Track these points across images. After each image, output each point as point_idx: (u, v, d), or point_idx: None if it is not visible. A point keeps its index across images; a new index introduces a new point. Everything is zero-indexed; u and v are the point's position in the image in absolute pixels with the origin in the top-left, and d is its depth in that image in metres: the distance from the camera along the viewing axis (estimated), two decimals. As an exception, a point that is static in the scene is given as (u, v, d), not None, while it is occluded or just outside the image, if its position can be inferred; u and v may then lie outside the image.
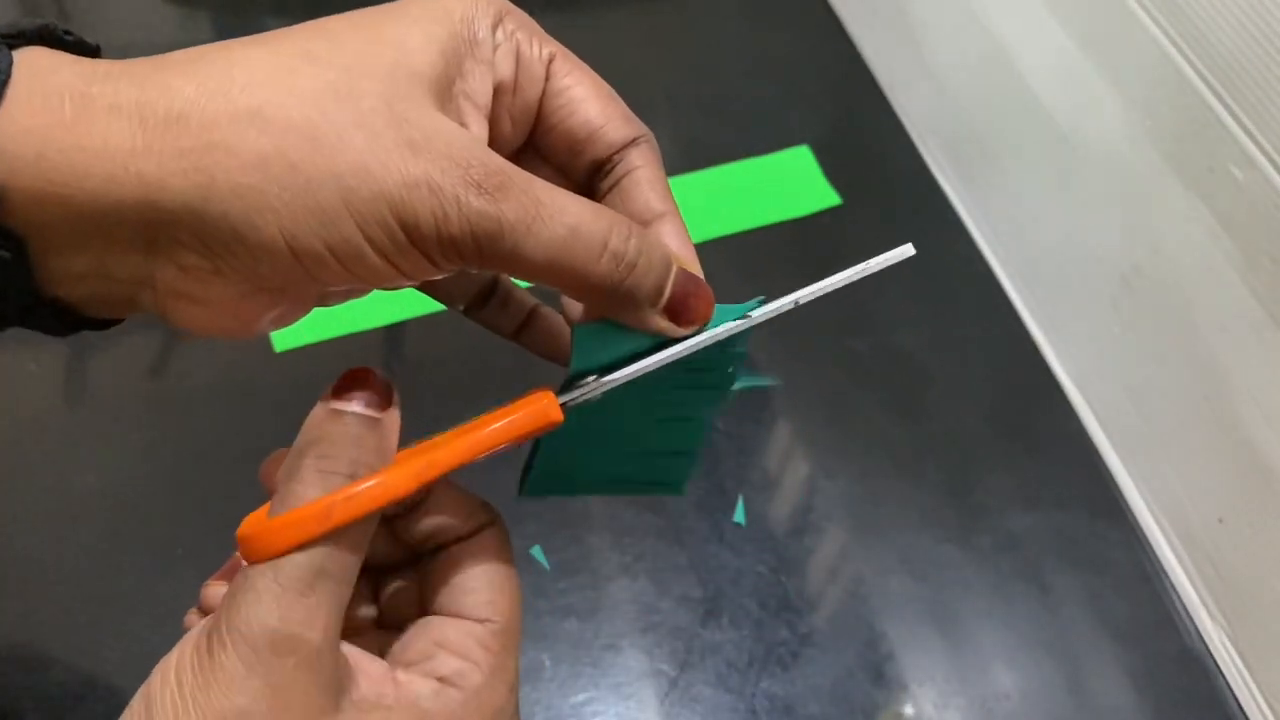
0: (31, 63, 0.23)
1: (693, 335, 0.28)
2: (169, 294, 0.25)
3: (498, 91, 0.28)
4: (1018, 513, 0.55)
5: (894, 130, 0.73)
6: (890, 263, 0.30)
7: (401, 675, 0.27)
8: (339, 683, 0.25)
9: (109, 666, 0.45)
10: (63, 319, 0.27)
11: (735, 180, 0.68)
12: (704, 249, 0.30)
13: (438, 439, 0.28)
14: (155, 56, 0.25)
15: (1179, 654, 0.52)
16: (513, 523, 0.51)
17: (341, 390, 0.26)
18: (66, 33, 0.25)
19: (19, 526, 0.49)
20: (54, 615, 0.46)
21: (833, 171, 0.69)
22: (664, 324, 0.28)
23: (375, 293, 0.62)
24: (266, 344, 0.55)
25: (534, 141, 0.30)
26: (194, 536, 0.49)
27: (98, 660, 0.46)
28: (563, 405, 0.28)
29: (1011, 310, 0.65)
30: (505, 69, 0.28)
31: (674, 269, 0.27)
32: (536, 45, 0.28)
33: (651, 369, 0.28)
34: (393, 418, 0.27)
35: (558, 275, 0.26)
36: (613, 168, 0.29)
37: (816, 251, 0.65)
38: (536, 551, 0.51)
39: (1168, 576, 0.55)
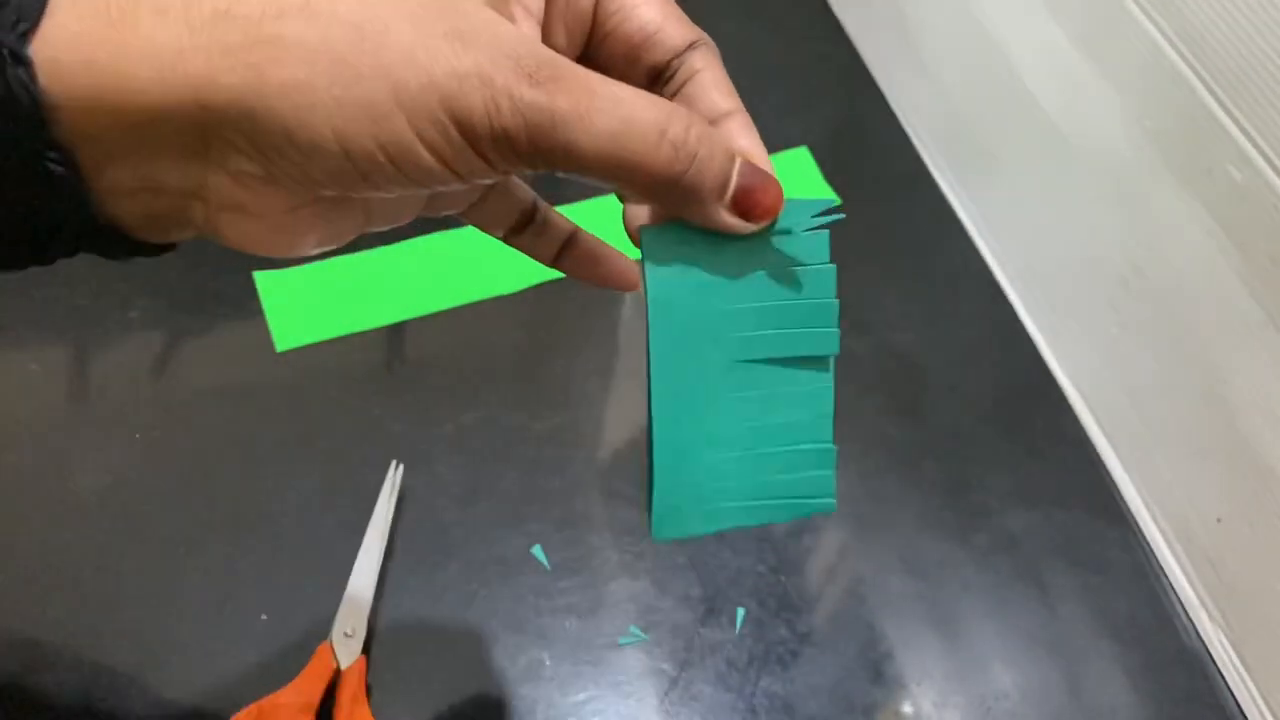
0: None
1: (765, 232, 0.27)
2: (220, 205, 0.25)
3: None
4: (1017, 512, 0.55)
5: (893, 130, 0.73)
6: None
7: None
8: None
9: (109, 666, 0.45)
10: (119, 242, 0.26)
11: (735, 180, 0.68)
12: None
13: None
14: None
15: (1178, 654, 0.52)
16: (512, 522, 0.52)
17: None
18: None
19: (19, 526, 0.49)
20: (54, 615, 0.46)
21: (832, 172, 0.69)
22: (732, 220, 0.27)
23: (376, 293, 0.61)
24: (267, 344, 0.56)
25: (590, 51, 0.29)
26: (195, 536, 0.49)
27: (98, 660, 0.46)
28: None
29: (1011, 310, 0.65)
30: None
31: (738, 161, 0.26)
32: None
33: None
34: None
35: (615, 167, 0.25)
36: (673, 73, 0.29)
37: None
38: (537, 551, 0.51)
39: (1167, 576, 0.55)
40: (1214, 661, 0.52)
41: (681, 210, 0.26)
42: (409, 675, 0.47)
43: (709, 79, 0.28)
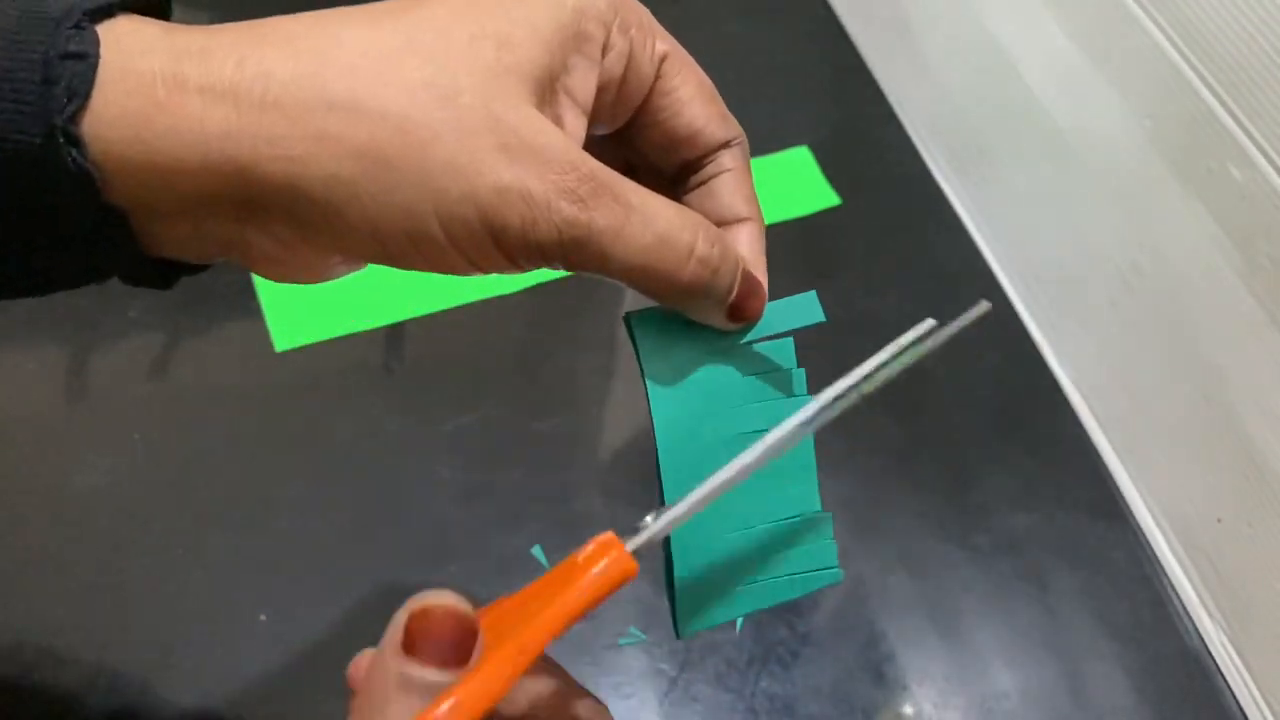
0: (118, 41, 0.23)
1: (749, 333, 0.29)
2: (259, 257, 0.26)
3: (602, 89, 0.27)
4: (1018, 513, 0.55)
5: (894, 130, 0.73)
6: (968, 322, 0.30)
7: None
8: None
9: (109, 666, 0.45)
10: (165, 274, 0.27)
11: (735, 180, 0.68)
12: (704, 249, 0.30)
13: (508, 610, 0.25)
14: (253, 24, 0.24)
15: (1179, 654, 0.52)
16: (512, 522, 0.52)
17: (412, 642, 0.22)
18: None
19: (19, 526, 0.49)
20: (54, 615, 0.46)
21: (833, 171, 0.69)
22: (724, 321, 0.28)
23: (375, 293, 0.61)
24: (267, 344, 0.55)
25: (629, 131, 0.30)
26: (194, 536, 0.49)
27: (98, 660, 0.46)
28: (633, 553, 0.26)
29: (1011, 310, 0.65)
30: (614, 69, 0.27)
31: (740, 270, 0.28)
32: (650, 44, 0.28)
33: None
34: (471, 665, 0.23)
35: (643, 278, 0.26)
36: (703, 166, 0.30)
37: (816, 252, 0.65)
38: (537, 551, 0.51)
39: (1167, 576, 0.55)
40: (1214, 662, 0.52)
41: (684, 308, 0.28)
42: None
43: (734, 180, 0.29)
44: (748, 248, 0.30)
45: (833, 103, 0.74)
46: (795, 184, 0.68)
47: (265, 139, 0.23)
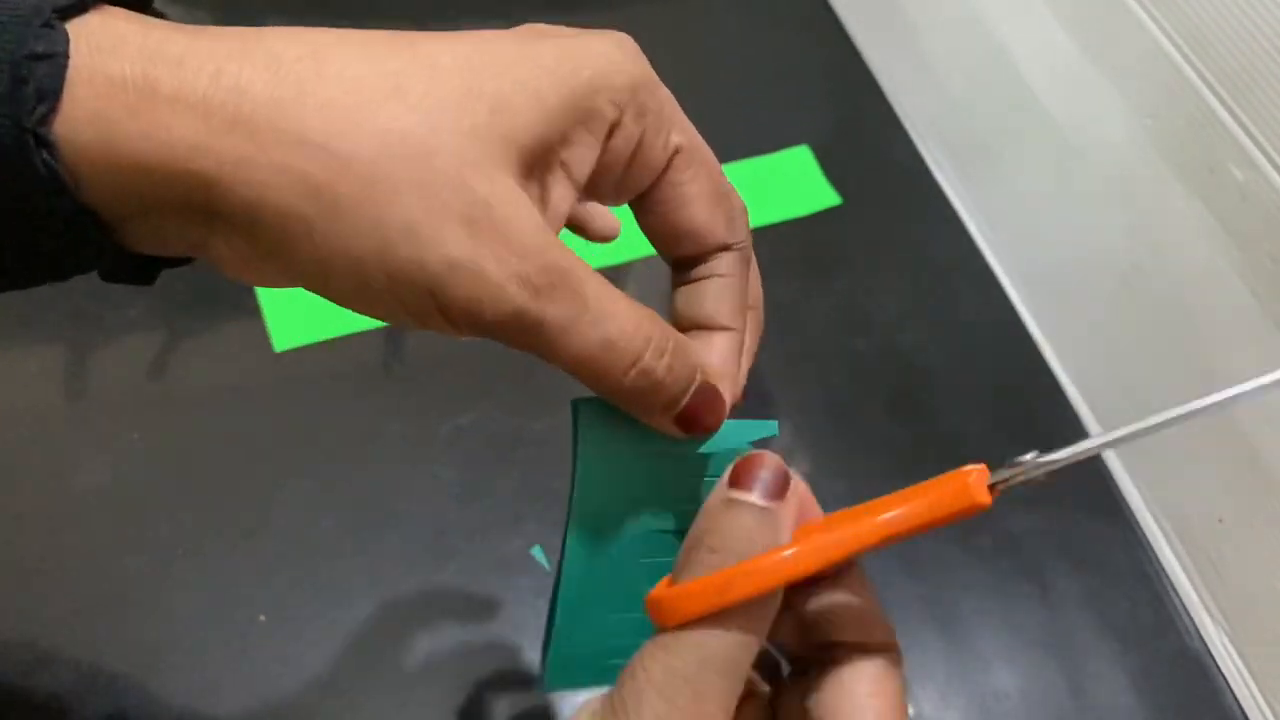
0: (89, 39, 0.22)
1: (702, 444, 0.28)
2: (222, 260, 0.25)
3: (605, 169, 0.27)
4: (1018, 513, 0.55)
5: (894, 130, 0.73)
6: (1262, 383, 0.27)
7: None
8: None
9: (109, 666, 0.45)
10: (145, 269, 0.26)
11: (735, 180, 0.67)
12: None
13: (843, 514, 0.26)
14: (239, 32, 0.23)
15: (1179, 654, 0.52)
16: (512, 522, 0.52)
17: (737, 478, 0.25)
18: None
19: (19, 526, 0.49)
20: (54, 615, 0.46)
21: (833, 171, 0.69)
22: (670, 427, 0.27)
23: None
24: (266, 344, 0.55)
25: (634, 208, 0.29)
26: (194, 536, 0.49)
27: (98, 660, 0.46)
28: (992, 486, 0.25)
29: (1011, 310, 0.65)
30: (621, 152, 0.26)
31: (696, 382, 0.27)
32: (665, 134, 0.27)
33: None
34: (787, 509, 0.25)
35: (584, 375, 0.25)
36: (700, 264, 0.29)
37: (817, 251, 0.65)
38: (537, 551, 0.51)
39: (1168, 576, 0.55)
40: (1215, 662, 0.52)
41: (626, 410, 0.27)
42: (408, 676, 0.47)
43: (725, 287, 0.29)
44: (719, 357, 0.29)
45: (833, 103, 0.74)
46: (795, 184, 0.68)
47: (231, 159, 0.22)
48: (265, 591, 0.48)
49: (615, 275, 0.61)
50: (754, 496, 0.24)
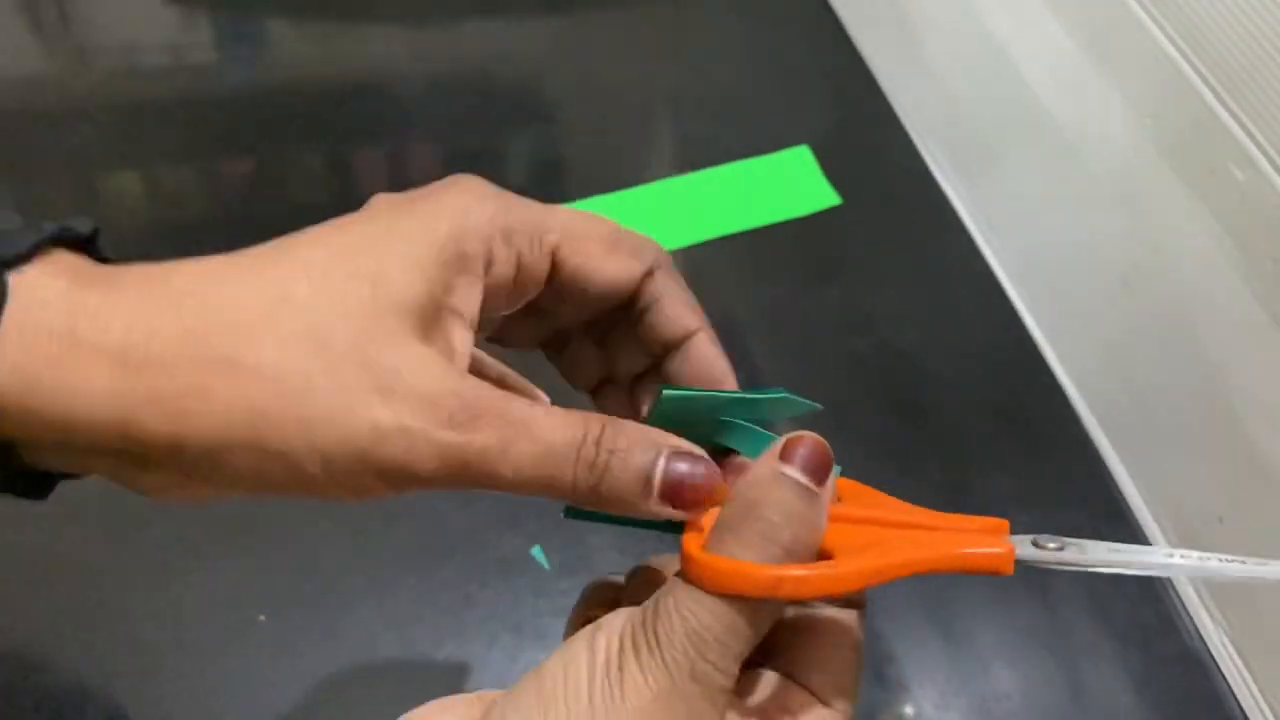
0: (26, 292, 0.24)
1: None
2: (149, 488, 0.27)
3: (492, 295, 0.28)
4: (1017, 512, 0.55)
5: (894, 130, 0.73)
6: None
7: None
8: None
9: (109, 666, 0.45)
10: (41, 485, 0.28)
11: (735, 180, 0.68)
12: (704, 249, 0.31)
13: (870, 510, 0.29)
14: (151, 277, 0.25)
15: (1179, 654, 0.52)
16: (512, 523, 0.52)
17: (788, 454, 0.26)
18: (66, 229, 0.26)
19: (19, 526, 0.49)
20: (54, 615, 0.46)
21: (833, 171, 0.69)
22: (664, 510, 0.27)
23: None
24: (266, 344, 0.55)
25: (548, 298, 0.30)
26: (193, 536, 0.49)
27: (98, 660, 0.46)
28: (1018, 561, 0.28)
29: (1011, 310, 0.65)
30: (503, 275, 0.28)
31: (661, 456, 0.26)
32: (538, 243, 0.28)
33: None
34: (828, 492, 0.27)
35: (535, 487, 0.26)
36: (636, 302, 0.30)
37: (817, 251, 0.65)
38: (537, 551, 0.51)
39: (1168, 577, 0.55)
40: (1215, 662, 0.52)
41: (611, 510, 0.27)
42: (407, 676, 0.47)
43: (669, 302, 0.30)
44: (705, 356, 0.31)
45: (833, 103, 0.74)
46: (795, 184, 0.68)
47: (148, 397, 0.24)
48: (265, 591, 0.48)
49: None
50: (802, 476, 0.26)
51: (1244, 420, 0.49)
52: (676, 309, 0.31)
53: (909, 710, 0.49)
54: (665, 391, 0.29)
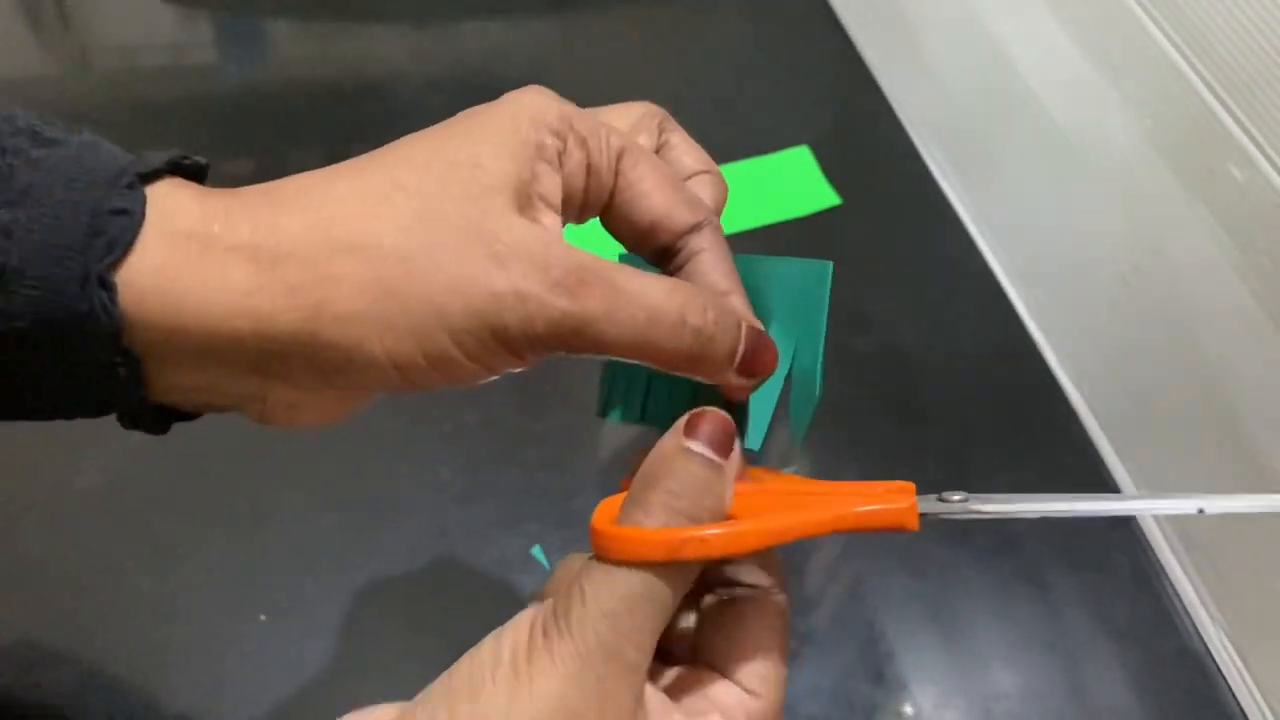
0: (160, 202, 0.26)
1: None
2: (276, 405, 0.28)
3: (567, 198, 0.29)
4: (1018, 513, 0.55)
5: (894, 130, 0.73)
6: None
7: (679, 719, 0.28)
8: (641, 702, 0.27)
9: (109, 666, 0.45)
10: (163, 420, 0.29)
11: (735, 180, 0.68)
12: (704, 249, 0.31)
13: (777, 483, 0.29)
14: (267, 187, 0.27)
15: (1179, 654, 0.52)
16: (513, 523, 0.52)
17: (692, 429, 0.28)
18: (184, 159, 0.28)
19: (19, 526, 0.49)
20: (54, 615, 0.46)
21: (833, 171, 0.69)
22: (736, 380, 0.30)
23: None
24: (266, 344, 0.55)
25: (605, 225, 0.32)
26: (194, 536, 0.49)
27: (98, 660, 0.46)
28: (923, 515, 0.29)
29: (1011, 310, 0.65)
30: (575, 179, 0.29)
31: (744, 329, 0.29)
32: (605, 149, 0.30)
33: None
34: (732, 464, 0.28)
35: (640, 352, 0.28)
36: (679, 250, 0.31)
37: (817, 252, 0.65)
38: (537, 551, 0.51)
39: (1168, 576, 0.55)
40: (1214, 661, 0.52)
41: (693, 375, 0.29)
42: (408, 676, 0.47)
43: (709, 260, 0.31)
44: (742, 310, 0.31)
45: (833, 103, 0.74)
46: (795, 184, 0.68)
47: (284, 290, 0.25)
48: (265, 591, 0.48)
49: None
50: (707, 450, 0.27)
51: (1244, 420, 0.49)
52: (716, 273, 0.31)
53: (909, 710, 0.49)
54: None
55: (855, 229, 0.66)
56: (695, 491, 0.27)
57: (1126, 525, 0.56)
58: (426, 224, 0.26)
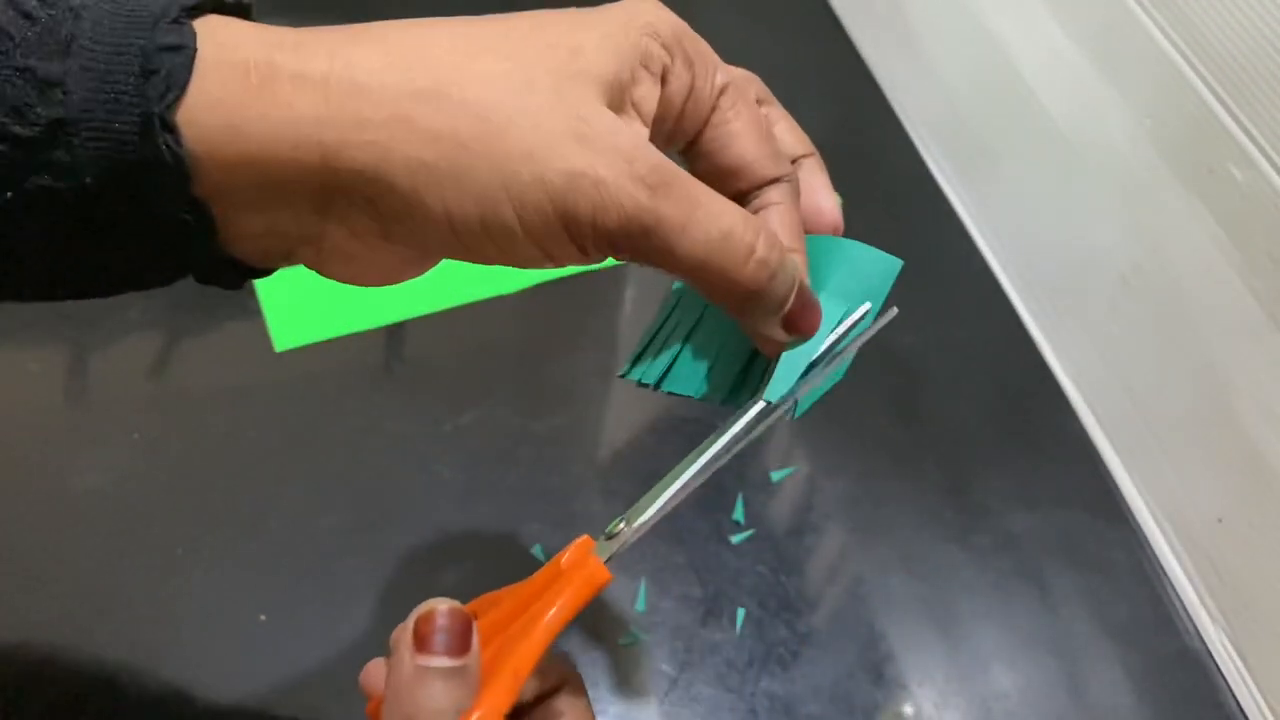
0: (213, 34, 0.24)
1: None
2: (333, 252, 0.27)
3: (661, 116, 0.28)
4: (1017, 513, 0.55)
5: (894, 130, 0.73)
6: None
7: None
8: None
9: (109, 666, 0.45)
10: (231, 273, 0.27)
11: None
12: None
13: (502, 611, 0.30)
14: (344, 26, 0.26)
15: (1179, 654, 0.52)
16: (513, 523, 0.52)
17: (421, 641, 0.27)
18: None
19: (19, 526, 0.49)
20: (54, 615, 0.46)
21: (833, 172, 0.68)
22: (779, 332, 0.29)
23: (375, 293, 0.61)
24: (266, 344, 0.55)
25: (684, 158, 0.31)
26: (194, 536, 0.49)
27: (98, 660, 0.46)
28: (608, 561, 0.29)
29: (1011, 310, 0.65)
30: (675, 98, 0.28)
31: (798, 282, 0.29)
32: (711, 78, 0.29)
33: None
34: (473, 655, 0.28)
35: (704, 272, 0.27)
36: (752, 200, 0.30)
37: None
38: (537, 551, 0.51)
39: (1167, 576, 0.55)
40: (1215, 662, 0.52)
41: (741, 314, 0.28)
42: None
43: (781, 214, 0.30)
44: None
45: (833, 103, 0.74)
46: (795, 184, 0.68)
47: (353, 123, 0.24)
48: (265, 591, 0.48)
49: (616, 275, 0.61)
50: (442, 659, 0.27)
51: (1244, 420, 0.49)
52: (785, 228, 0.30)
53: (908, 710, 0.49)
54: None
55: (854, 229, 0.66)
56: (435, 709, 0.26)
57: (1126, 525, 0.56)
58: (514, 85, 0.25)
